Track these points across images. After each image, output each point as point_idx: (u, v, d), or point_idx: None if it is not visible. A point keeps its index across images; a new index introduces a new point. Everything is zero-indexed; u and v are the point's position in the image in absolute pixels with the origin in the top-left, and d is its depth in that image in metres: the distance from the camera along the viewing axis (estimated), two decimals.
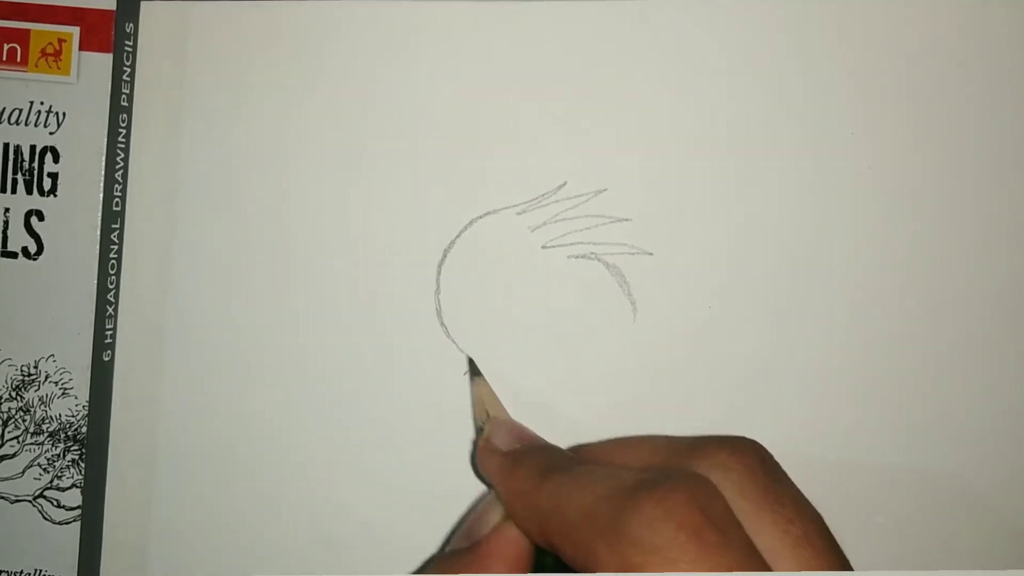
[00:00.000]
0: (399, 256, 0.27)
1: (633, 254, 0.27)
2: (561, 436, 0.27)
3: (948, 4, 0.26)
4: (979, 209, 0.26)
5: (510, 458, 0.22)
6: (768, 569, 0.18)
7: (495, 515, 0.22)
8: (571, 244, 0.27)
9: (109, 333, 0.27)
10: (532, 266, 0.27)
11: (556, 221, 0.27)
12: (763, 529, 0.19)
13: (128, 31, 0.27)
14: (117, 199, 0.27)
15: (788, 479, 0.20)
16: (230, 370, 0.27)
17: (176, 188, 0.27)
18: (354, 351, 0.27)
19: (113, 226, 0.27)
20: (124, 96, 0.27)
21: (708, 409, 0.27)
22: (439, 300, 0.27)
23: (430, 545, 0.27)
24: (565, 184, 0.27)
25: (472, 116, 0.27)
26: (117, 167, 0.27)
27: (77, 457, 0.27)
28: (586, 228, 0.27)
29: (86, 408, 0.26)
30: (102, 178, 0.26)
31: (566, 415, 0.27)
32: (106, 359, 0.27)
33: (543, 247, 0.27)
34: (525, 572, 0.21)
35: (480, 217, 0.27)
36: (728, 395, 0.27)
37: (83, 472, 0.27)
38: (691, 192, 0.26)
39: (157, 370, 0.28)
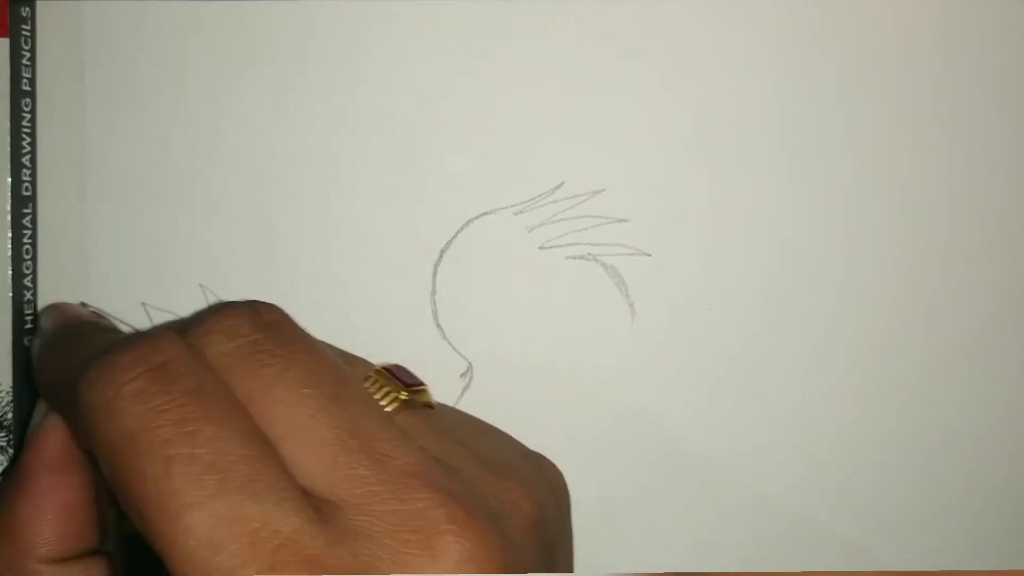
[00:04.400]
0: (394, 257, 0.27)
1: (631, 255, 0.27)
2: (560, 441, 0.26)
3: (949, 3, 0.26)
4: (980, 209, 0.26)
5: (47, 335, 0.21)
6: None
7: (41, 412, 0.20)
8: (569, 245, 0.27)
9: (29, 318, 0.26)
10: (529, 267, 0.27)
11: (553, 222, 0.27)
12: (242, 377, 0.17)
13: (24, 15, 0.26)
14: (27, 184, 0.26)
15: (290, 336, 0.18)
16: None
17: (88, 169, 0.27)
18: (349, 352, 0.27)
19: (25, 211, 0.26)
20: (26, 80, 0.26)
21: (707, 410, 0.27)
22: (435, 302, 0.27)
23: None
24: (562, 184, 0.27)
25: (468, 115, 0.27)
26: (24, 151, 0.26)
27: (4, 444, 0.26)
28: (584, 229, 0.27)
29: (10, 395, 0.26)
30: (8, 163, 0.26)
31: (564, 418, 0.27)
32: (27, 344, 0.27)
33: (540, 248, 0.27)
34: (79, 465, 0.19)
35: (476, 218, 0.27)
36: (727, 397, 0.26)
37: (10, 458, 0.26)
38: (690, 193, 0.26)
39: None
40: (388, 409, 0.19)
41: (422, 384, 0.20)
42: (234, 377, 0.17)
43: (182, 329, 0.18)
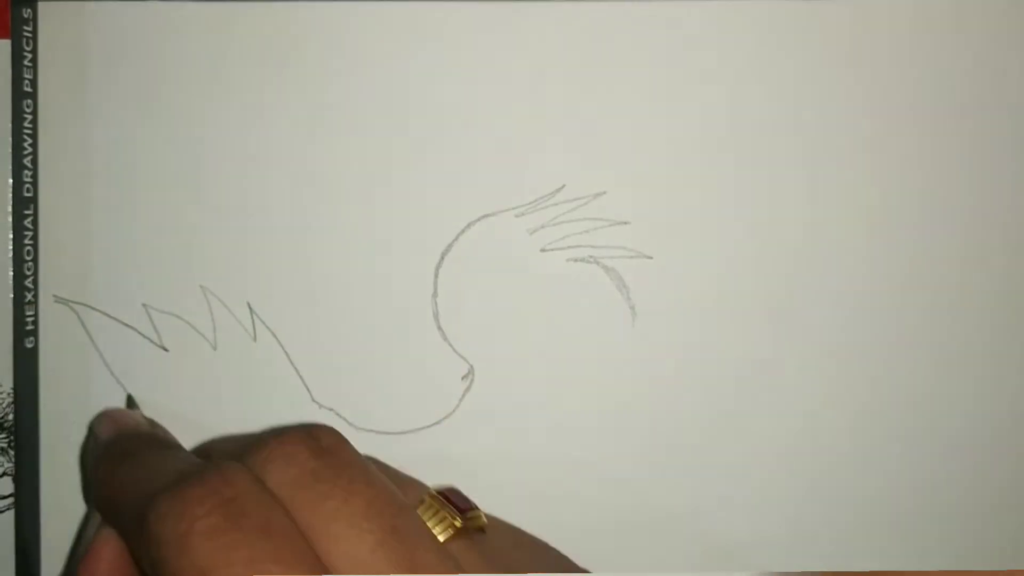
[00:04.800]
0: (396, 259, 0.27)
1: (632, 257, 0.27)
2: (555, 442, 0.26)
3: (950, 4, 0.26)
4: (981, 212, 0.26)
5: (103, 447, 0.22)
6: (310, 551, 0.17)
7: (95, 523, 0.21)
8: (570, 247, 0.27)
9: (30, 319, 0.26)
10: (530, 269, 0.27)
11: (555, 224, 0.27)
12: (303, 509, 0.18)
13: (26, 16, 0.26)
14: (28, 185, 0.26)
15: (348, 463, 0.19)
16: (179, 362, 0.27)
17: (90, 170, 0.27)
18: (349, 355, 0.27)
19: (26, 212, 0.26)
20: (27, 82, 0.26)
21: (708, 414, 0.27)
22: (436, 304, 0.27)
23: None
24: (564, 187, 0.27)
25: (470, 118, 0.27)
26: (25, 153, 0.26)
27: (6, 445, 0.26)
28: (585, 231, 0.27)
29: (11, 395, 0.26)
30: (9, 164, 0.26)
31: (565, 420, 0.27)
32: (29, 346, 0.27)
33: (541, 250, 0.27)
34: None
35: (478, 220, 0.27)
36: (728, 399, 0.27)
37: (12, 460, 0.26)
38: (690, 195, 0.27)
39: (83, 356, 0.27)
40: (442, 538, 0.19)
41: (475, 508, 0.21)
42: (295, 507, 0.18)
43: (242, 455, 0.19)
